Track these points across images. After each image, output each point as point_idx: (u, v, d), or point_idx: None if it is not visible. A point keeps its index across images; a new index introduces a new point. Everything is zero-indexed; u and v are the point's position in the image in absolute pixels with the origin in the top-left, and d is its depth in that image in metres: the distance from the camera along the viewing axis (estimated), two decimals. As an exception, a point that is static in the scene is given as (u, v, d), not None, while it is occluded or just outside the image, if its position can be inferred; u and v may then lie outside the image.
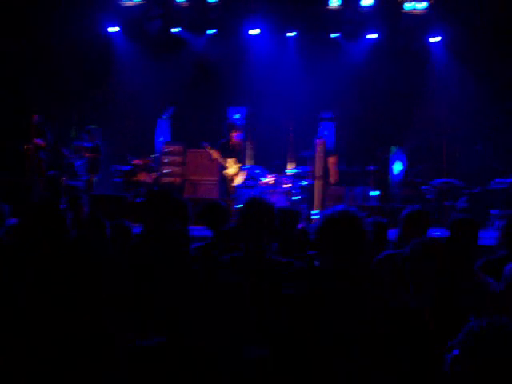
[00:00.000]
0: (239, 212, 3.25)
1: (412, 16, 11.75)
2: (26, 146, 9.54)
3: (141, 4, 11.65)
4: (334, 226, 2.57)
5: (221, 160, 9.67)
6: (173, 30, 12.16)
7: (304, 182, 10.08)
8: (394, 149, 12.52)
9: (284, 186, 9.90)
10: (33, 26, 10.84)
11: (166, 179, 11.29)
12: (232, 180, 9.69)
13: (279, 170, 10.54)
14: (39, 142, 9.66)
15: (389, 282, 3.40)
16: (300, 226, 5.07)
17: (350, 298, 2.46)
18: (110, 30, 11.96)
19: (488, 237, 5.18)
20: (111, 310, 2.94)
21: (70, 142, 10.86)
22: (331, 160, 10.10)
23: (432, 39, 12.05)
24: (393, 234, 4.70)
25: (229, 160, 9.66)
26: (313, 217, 9.55)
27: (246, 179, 10.08)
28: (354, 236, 2.57)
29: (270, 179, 9.94)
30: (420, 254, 2.91)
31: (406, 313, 2.50)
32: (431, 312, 2.75)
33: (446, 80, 11.82)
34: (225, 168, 9.72)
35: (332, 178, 10.10)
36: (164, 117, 12.41)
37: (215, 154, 9.66)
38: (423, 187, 10.48)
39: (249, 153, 11.10)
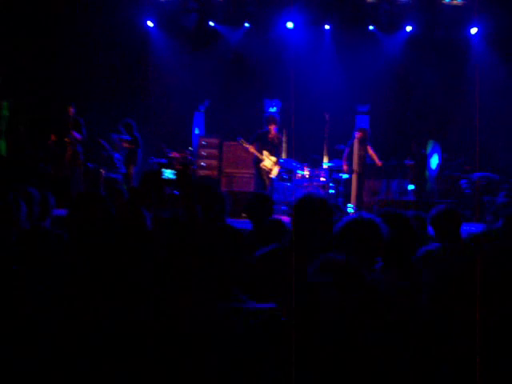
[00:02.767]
0: (293, 208, 3.25)
1: (450, 7, 11.57)
2: (66, 139, 9.69)
3: (177, -2, 11.75)
4: (353, 230, 2.91)
5: (257, 153, 9.69)
6: (209, 24, 12.21)
7: (345, 176, 10.02)
8: (431, 143, 12.37)
9: (320, 179, 9.89)
10: (71, 20, 11.00)
11: (203, 172, 11.38)
12: (269, 173, 9.71)
13: (316, 164, 10.52)
14: (76, 135, 9.80)
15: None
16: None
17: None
18: (149, 24, 12.07)
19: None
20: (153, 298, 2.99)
21: (108, 134, 11.01)
22: (369, 149, 10.08)
23: (473, 30, 11.84)
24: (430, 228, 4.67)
25: (264, 152, 9.68)
26: (348, 210, 9.53)
27: (281, 172, 10.10)
28: (371, 240, 2.89)
29: (305, 172, 9.94)
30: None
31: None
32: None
33: (484, 72, 11.60)
34: (260, 161, 9.74)
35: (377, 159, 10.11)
36: (200, 110, 12.50)
37: (251, 149, 9.68)
38: (462, 181, 10.33)
39: (283, 146, 11.10)
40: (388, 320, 2.50)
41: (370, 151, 10.01)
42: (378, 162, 10.14)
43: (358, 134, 9.67)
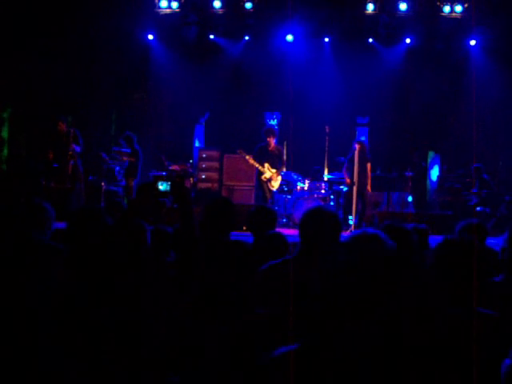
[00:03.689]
0: (302, 221, 3.20)
1: (449, 19, 11.62)
2: (70, 153, 9.65)
3: (177, 12, 11.80)
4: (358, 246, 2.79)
5: (256, 164, 9.69)
6: (209, 37, 12.27)
7: (345, 188, 9.97)
8: (431, 154, 12.39)
9: (321, 191, 9.88)
10: (72, 33, 11.04)
11: (203, 185, 11.38)
12: (270, 185, 9.70)
13: (317, 176, 10.50)
14: (76, 148, 9.78)
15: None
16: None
17: None
18: (149, 37, 12.13)
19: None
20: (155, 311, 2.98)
21: (108, 147, 11.03)
22: (368, 166, 9.91)
23: (471, 42, 11.88)
24: (433, 240, 4.64)
25: (266, 165, 9.68)
26: (350, 222, 9.50)
27: (282, 185, 10.08)
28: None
29: (306, 185, 9.93)
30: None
31: None
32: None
33: (483, 84, 11.63)
34: (261, 173, 9.74)
35: (369, 186, 9.91)
36: (201, 122, 12.53)
37: (251, 160, 9.67)
38: (463, 193, 10.31)
39: (283, 158, 11.10)
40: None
41: (369, 168, 9.83)
42: (368, 188, 9.89)
43: (357, 146, 9.63)
